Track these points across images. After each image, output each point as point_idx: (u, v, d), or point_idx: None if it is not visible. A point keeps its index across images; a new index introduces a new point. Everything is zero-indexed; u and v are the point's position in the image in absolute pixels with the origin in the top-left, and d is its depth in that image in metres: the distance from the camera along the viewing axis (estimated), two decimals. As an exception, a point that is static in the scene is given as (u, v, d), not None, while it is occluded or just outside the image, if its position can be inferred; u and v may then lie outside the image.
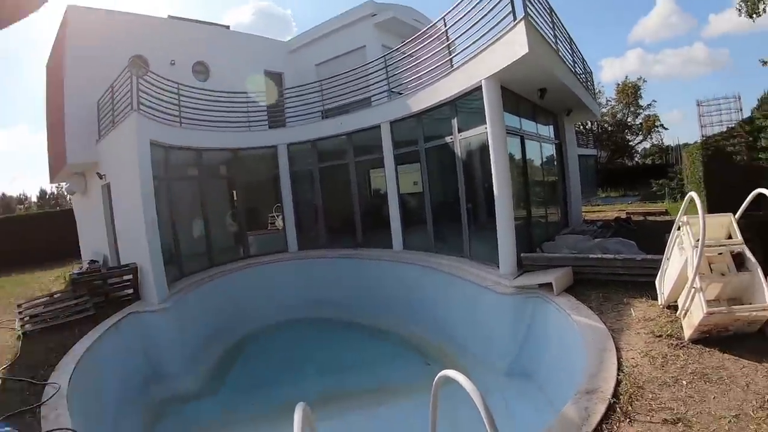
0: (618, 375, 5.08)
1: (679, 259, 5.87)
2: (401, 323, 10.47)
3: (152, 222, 9.51)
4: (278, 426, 5.84)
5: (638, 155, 42.52)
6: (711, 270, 5.59)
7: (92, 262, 12.84)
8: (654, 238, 9.55)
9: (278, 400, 7.61)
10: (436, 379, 2.68)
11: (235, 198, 13.69)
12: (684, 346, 5.45)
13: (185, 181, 12.08)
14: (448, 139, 9.91)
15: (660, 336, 5.70)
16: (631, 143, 40.96)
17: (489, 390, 7.24)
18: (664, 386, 4.80)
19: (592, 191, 28.65)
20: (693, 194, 5.52)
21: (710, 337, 5.38)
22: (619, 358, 5.41)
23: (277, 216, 14.02)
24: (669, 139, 50.70)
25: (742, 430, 3.99)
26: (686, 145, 23.76)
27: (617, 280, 7.35)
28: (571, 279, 7.59)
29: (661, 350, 5.44)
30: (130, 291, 9.61)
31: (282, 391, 8.15)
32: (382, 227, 11.77)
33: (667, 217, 13.49)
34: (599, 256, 7.39)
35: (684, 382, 4.81)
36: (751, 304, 5.32)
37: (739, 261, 5.56)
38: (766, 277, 5.25)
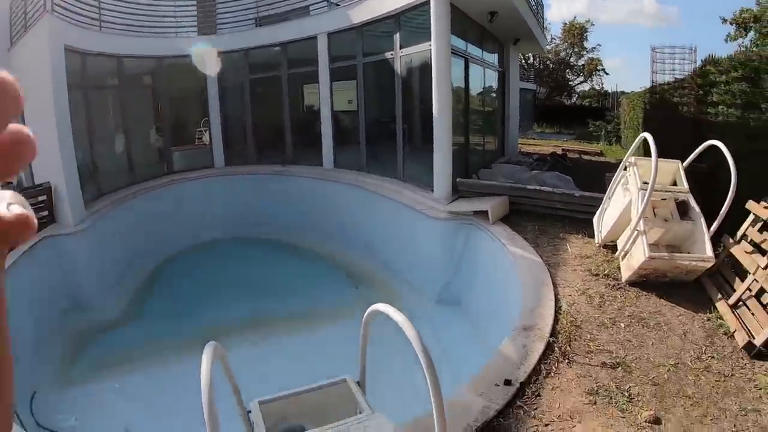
0: (555, 313, 5.12)
1: (622, 200, 5.91)
2: (331, 244, 10.31)
3: (66, 135, 8.65)
4: (199, 350, 5.78)
5: (577, 95, 43.67)
6: (654, 215, 5.69)
7: (6, 184, 10.86)
8: (588, 176, 9.81)
9: (204, 325, 7.34)
10: (366, 314, 2.57)
11: (159, 111, 12.83)
12: (621, 287, 5.62)
13: (105, 91, 11.27)
14: (388, 55, 9.38)
15: (597, 275, 5.83)
16: (571, 83, 41.82)
17: (418, 317, 7.26)
18: (602, 327, 4.92)
19: (528, 125, 29.19)
20: (647, 135, 5.44)
21: (647, 281, 5.58)
22: (556, 295, 5.48)
23: (205, 130, 13.19)
24: (608, 84, 52.55)
25: (681, 380, 4.17)
26: (624, 92, 24.58)
27: (554, 214, 7.43)
28: (507, 209, 7.54)
29: (598, 290, 5.57)
30: (45, 213, 8.56)
31: (208, 315, 7.80)
32: (314, 144, 11.40)
33: (602, 158, 14.05)
34: (537, 188, 7.38)
35: (622, 325, 4.95)
36: (690, 253, 5.51)
37: (682, 209, 5.69)
38: (707, 228, 5.42)
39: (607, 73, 48.70)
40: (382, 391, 3.98)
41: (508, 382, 4.01)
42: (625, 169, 6.02)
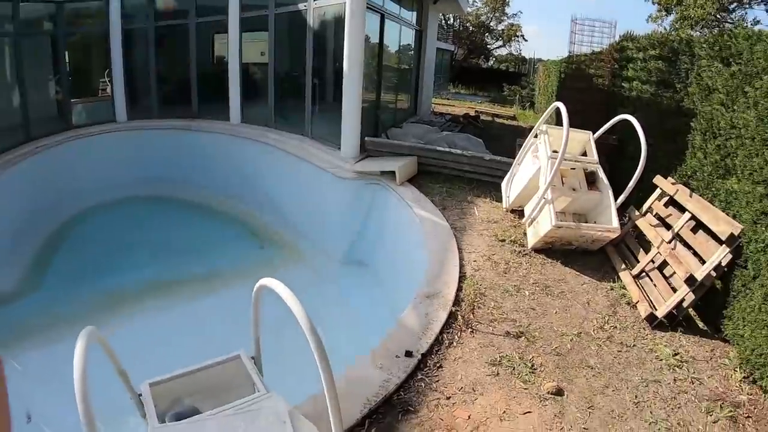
0: (460, 279, 4.85)
1: (531, 167, 5.74)
2: (237, 203, 9.79)
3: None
4: (101, 320, 5.67)
5: (494, 59, 44.28)
6: (562, 183, 5.56)
7: None
8: (500, 139, 9.76)
9: (106, 292, 6.76)
10: (254, 289, 2.40)
11: (59, 60, 11.12)
12: (527, 254, 5.45)
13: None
14: (301, 6, 8.83)
15: (503, 240, 5.63)
16: (489, 46, 42.28)
17: (324, 278, 7.07)
18: (507, 295, 4.71)
19: (444, 85, 29.11)
20: (560, 104, 5.26)
21: (553, 249, 5.46)
22: (461, 260, 5.21)
23: (109, 81, 11.72)
24: (526, 50, 53.93)
25: (584, 349, 4.03)
26: (541, 60, 25.09)
27: (463, 176, 7.20)
28: (415, 169, 7.20)
29: (504, 256, 5.36)
30: None
31: (109, 282, 7.08)
32: (221, 98, 10.67)
33: (514, 122, 14.12)
34: (447, 149, 7.09)
35: (527, 293, 4.77)
36: (596, 222, 5.44)
37: (591, 179, 5.60)
38: (614, 200, 5.35)
39: (525, 40, 50.28)
40: (282, 364, 3.74)
41: (409, 354, 3.74)
42: (536, 136, 5.83)
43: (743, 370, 3.95)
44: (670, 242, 4.97)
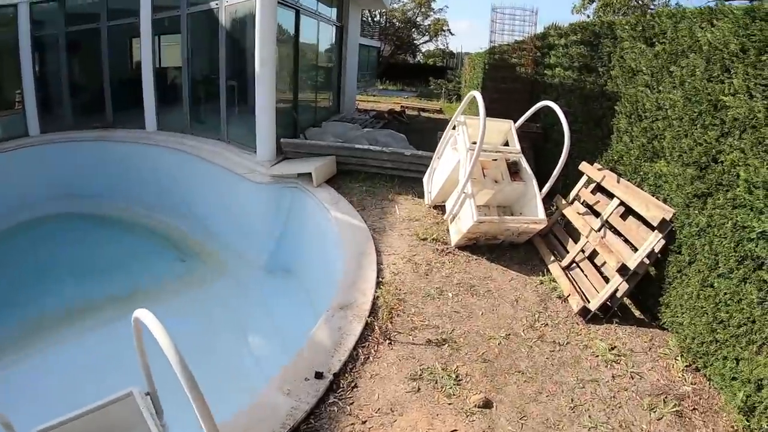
0: (378, 285, 4.40)
1: (451, 160, 5.38)
2: (159, 215, 9.03)
3: None
4: (8, 355, 5.30)
5: (422, 55, 44.40)
6: (484, 176, 5.22)
7: None
8: (426, 133, 9.40)
9: (17, 321, 6.01)
10: (132, 322, 2.15)
11: None
12: (450, 252, 5.05)
13: None
14: (213, 4, 8.28)
15: (425, 239, 5.21)
16: (416, 42, 42.31)
17: (247, 288, 6.69)
18: (429, 299, 4.28)
19: (371, 82, 28.73)
20: (476, 93, 4.93)
21: (478, 245, 5.08)
22: (379, 264, 4.75)
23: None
24: (454, 45, 54.47)
25: (513, 352, 3.65)
26: (468, 53, 25.11)
27: (384, 173, 6.77)
28: (334, 169, 6.71)
29: (425, 256, 4.94)
30: None
31: (17, 311, 6.26)
32: (137, 105, 9.83)
33: (441, 116, 13.85)
34: (366, 147, 6.65)
35: (450, 295, 4.36)
36: (522, 214, 5.13)
37: (514, 170, 5.30)
38: (539, 190, 5.06)
39: (452, 34, 50.93)
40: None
41: (319, 375, 3.31)
42: (454, 128, 5.48)
43: (684, 359, 3.76)
44: (599, 230, 4.71)
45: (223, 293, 6.63)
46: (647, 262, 4.19)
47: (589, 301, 4.32)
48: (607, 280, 4.41)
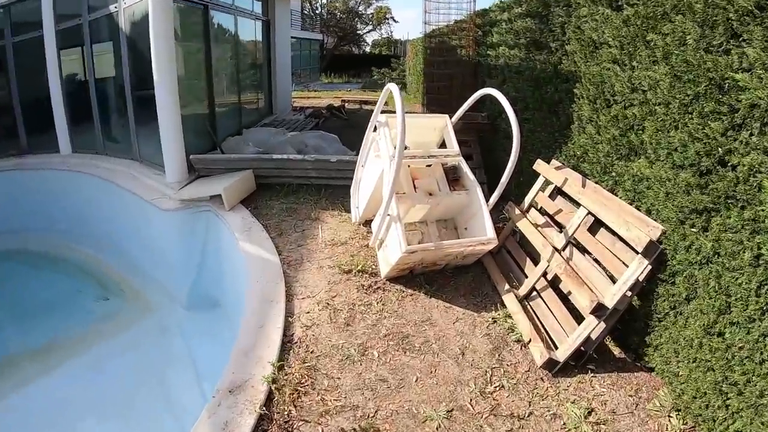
0: (283, 349, 3.11)
1: (374, 170, 4.03)
2: (82, 248, 7.41)
3: None
4: None
5: (367, 45, 42.33)
6: (415, 188, 3.89)
7: None
8: (365, 129, 7.95)
9: None
10: None
11: None
12: (379, 287, 3.74)
13: None
14: (112, 8, 6.62)
15: (349, 272, 3.88)
16: (360, 32, 40.16)
17: (168, 329, 5.40)
18: (348, 362, 2.99)
19: (314, 76, 26.82)
20: (392, 86, 3.56)
21: (414, 273, 3.78)
22: (288, 317, 3.46)
23: None
24: (400, 33, 52.26)
25: (457, 451, 2.35)
26: (414, 39, 23.27)
27: (310, 184, 5.38)
28: (252, 185, 5.32)
29: (348, 296, 3.62)
30: None
31: None
32: (51, 126, 8.04)
33: (384, 107, 12.27)
34: (286, 156, 5.24)
35: (376, 354, 3.07)
36: (467, 230, 3.84)
37: (453, 176, 3.99)
38: (487, 196, 3.77)
39: (396, 21, 48.71)
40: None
41: None
42: (375, 129, 4.11)
43: (681, 419, 2.61)
44: (563, 249, 3.44)
45: (144, 338, 5.28)
46: (629, 294, 2.96)
47: (556, 348, 3.09)
48: (577, 314, 3.17)
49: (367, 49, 41.95)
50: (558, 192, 3.88)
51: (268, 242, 4.29)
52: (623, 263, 3.00)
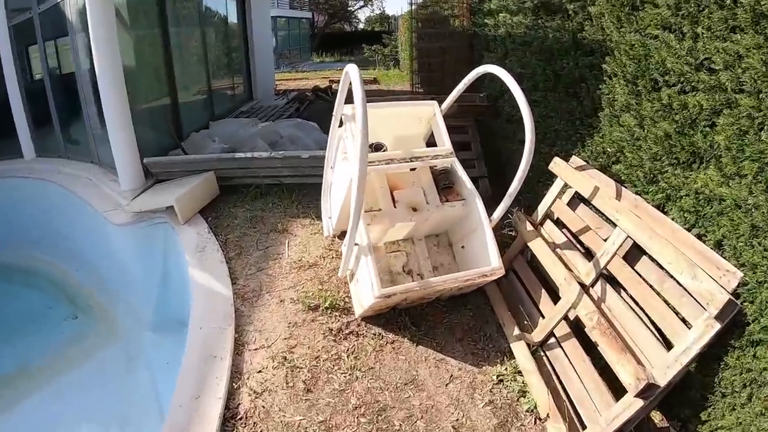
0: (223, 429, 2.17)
1: (344, 176, 2.99)
2: (49, 261, 6.34)
3: None
4: None
5: (360, 22, 39.93)
6: (394, 202, 2.86)
7: None
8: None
9: None
10: None
11: None
12: (352, 331, 2.79)
13: None
14: None
15: (316, 308, 2.91)
16: (351, 9, 37.82)
17: (133, 354, 4.48)
18: (303, 458, 2.04)
19: (305, 56, 25.11)
20: (350, 68, 2.45)
21: (399, 308, 2.82)
22: (234, 379, 2.51)
23: None
24: (393, 8, 49.31)
25: None
26: (406, 13, 21.22)
27: (281, 183, 4.35)
28: (214, 189, 4.32)
29: (313, 344, 2.67)
30: None
31: None
32: (13, 130, 6.90)
33: (375, 86, 11.01)
34: (250, 155, 4.20)
35: (341, 442, 2.12)
36: (464, 248, 2.86)
37: (445, 182, 2.96)
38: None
39: None
40: None
41: None
42: (342, 125, 3.04)
43: None
44: (594, 285, 2.45)
45: (109, 368, 4.37)
46: (685, 362, 1.98)
47: (583, 427, 2.15)
48: (611, 375, 2.20)
49: (360, 26, 39.48)
50: (580, 198, 2.86)
51: (222, 267, 3.32)
52: (677, 314, 2.03)
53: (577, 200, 2.90)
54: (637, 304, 2.27)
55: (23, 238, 6.48)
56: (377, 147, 2.94)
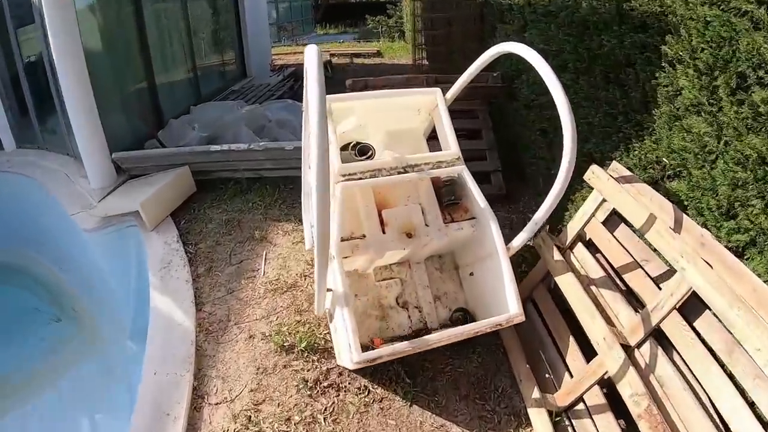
0: None
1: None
2: (37, 260, 5.72)
3: None
4: None
5: None
6: (384, 225, 2.19)
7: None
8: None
9: None
10: None
11: None
12: (332, 384, 2.21)
13: None
14: None
15: (291, 349, 2.33)
16: None
17: (114, 371, 3.83)
18: None
19: (308, 29, 23.63)
20: (309, 49, 1.76)
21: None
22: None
23: None
24: None
25: None
26: None
27: (264, 177, 3.69)
28: (190, 186, 3.67)
29: (284, 400, 2.11)
30: None
31: None
32: None
33: (379, 60, 10.06)
34: (227, 147, 3.52)
35: None
36: (473, 274, 2.26)
37: (449, 196, 2.28)
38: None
39: None
40: None
41: None
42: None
43: None
44: (641, 345, 1.81)
45: (87, 384, 3.88)
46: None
47: None
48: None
49: (369, -5, 36.93)
50: (619, 216, 2.19)
51: (186, 289, 2.73)
52: (744, 398, 1.41)
53: (615, 217, 2.23)
54: (692, 374, 1.65)
55: (9, 234, 5.94)
56: (362, 150, 2.27)
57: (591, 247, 2.33)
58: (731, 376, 1.52)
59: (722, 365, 1.56)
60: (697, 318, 1.69)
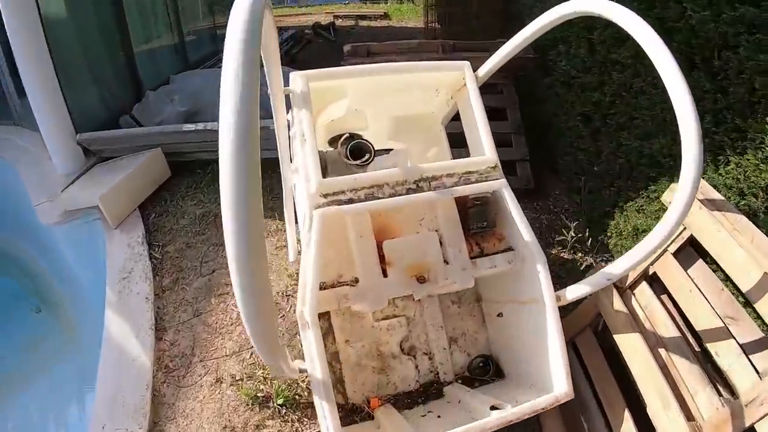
0: None
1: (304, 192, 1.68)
2: (20, 246, 5.15)
3: None
4: None
5: None
6: (384, 265, 1.60)
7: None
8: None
9: None
10: None
11: None
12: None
13: None
14: None
15: (265, 402, 1.80)
16: None
17: (87, 377, 2.86)
18: None
19: None
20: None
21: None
22: None
23: None
24: None
25: None
26: None
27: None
28: (163, 172, 3.06)
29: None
30: None
31: None
32: None
33: (386, 23, 9.04)
34: (202, 126, 2.89)
35: None
36: (501, 315, 1.74)
37: (480, 223, 1.65)
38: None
39: None
40: None
41: None
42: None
43: None
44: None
45: (57, 393, 3.44)
46: None
47: None
48: None
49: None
50: (695, 248, 1.60)
51: (146, 310, 2.18)
52: None
53: (692, 251, 1.64)
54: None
55: (9, 219, 5.35)
56: (356, 151, 1.63)
57: (655, 282, 1.75)
58: None
59: None
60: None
